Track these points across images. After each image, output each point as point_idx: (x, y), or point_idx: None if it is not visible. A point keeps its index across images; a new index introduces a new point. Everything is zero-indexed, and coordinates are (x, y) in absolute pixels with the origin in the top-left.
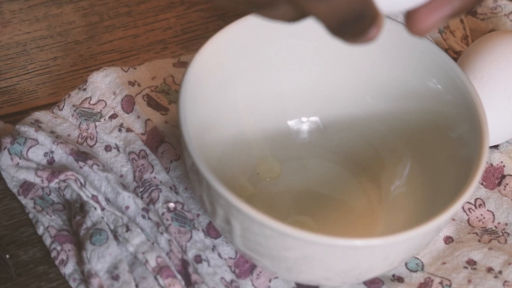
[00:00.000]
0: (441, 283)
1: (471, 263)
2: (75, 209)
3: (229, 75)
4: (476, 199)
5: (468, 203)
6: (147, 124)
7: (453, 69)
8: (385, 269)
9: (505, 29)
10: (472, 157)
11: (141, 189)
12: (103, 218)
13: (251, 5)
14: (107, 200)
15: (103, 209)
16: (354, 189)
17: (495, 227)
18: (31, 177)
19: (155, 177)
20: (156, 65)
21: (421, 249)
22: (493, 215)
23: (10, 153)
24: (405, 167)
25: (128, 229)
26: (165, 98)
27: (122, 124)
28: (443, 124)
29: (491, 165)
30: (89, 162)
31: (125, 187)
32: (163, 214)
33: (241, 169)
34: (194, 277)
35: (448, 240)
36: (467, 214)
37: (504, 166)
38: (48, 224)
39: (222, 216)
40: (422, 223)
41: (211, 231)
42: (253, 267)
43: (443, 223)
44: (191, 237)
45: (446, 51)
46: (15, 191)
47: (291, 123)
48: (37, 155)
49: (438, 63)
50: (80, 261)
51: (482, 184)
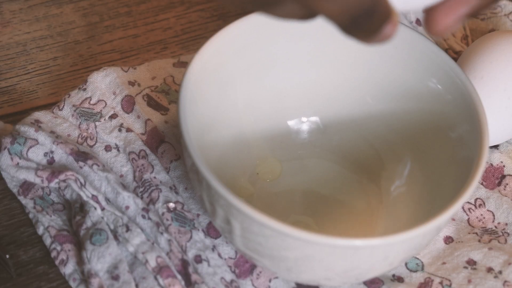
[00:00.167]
0: (441, 283)
1: (471, 263)
2: (75, 209)
3: (229, 75)
4: (476, 199)
5: (468, 203)
6: (147, 124)
7: (453, 69)
8: (385, 269)
9: (505, 29)
10: (472, 157)
11: (141, 189)
12: (103, 218)
13: (258, 4)
14: (107, 200)
15: (103, 209)
16: (354, 189)
17: (495, 227)
18: (31, 177)
19: (155, 177)
20: (156, 65)
21: (421, 249)
22: (493, 215)
23: (10, 153)
24: (405, 167)
25: (128, 229)
26: (165, 98)
27: (122, 124)
28: (443, 124)
29: (491, 165)
30: (89, 162)
31: (125, 187)
32: (163, 214)
33: (241, 169)
34: (194, 277)
35: (448, 240)
36: (467, 214)
37: (504, 166)
38: (48, 224)
39: (222, 216)
40: (422, 223)
41: (211, 231)
42: (253, 267)
43: (443, 223)
44: (191, 237)
45: (446, 51)
46: (15, 191)
47: (291, 123)
48: (37, 155)
49: (438, 63)
50: (80, 261)
51: (482, 184)
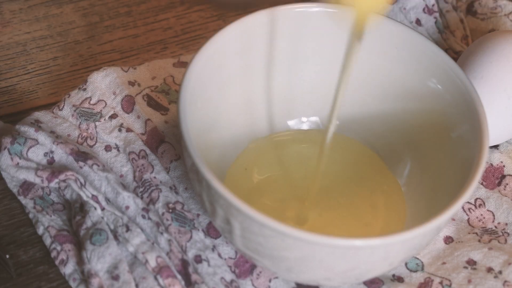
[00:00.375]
0: (441, 283)
1: (471, 263)
2: (75, 209)
3: (229, 75)
4: (476, 199)
5: (468, 203)
6: (147, 124)
7: (453, 69)
8: (385, 269)
9: (505, 29)
10: (472, 157)
11: (141, 189)
12: (103, 218)
13: None
14: (107, 200)
15: (103, 209)
16: (354, 189)
17: (495, 227)
18: (31, 177)
19: (155, 177)
20: (156, 65)
21: (421, 249)
22: (493, 215)
23: (10, 153)
24: (405, 167)
25: (128, 229)
26: (165, 98)
27: (122, 124)
28: (443, 124)
29: (491, 165)
30: (89, 162)
31: (125, 187)
32: (163, 214)
33: (241, 169)
34: (194, 277)
35: (448, 240)
36: (467, 214)
37: (504, 166)
38: (48, 224)
39: (222, 216)
40: (422, 223)
41: (211, 231)
42: (253, 267)
43: (443, 223)
44: (191, 237)
45: (446, 51)
46: (15, 191)
47: (291, 123)
48: (37, 155)
49: (438, 63)
50: (80, 261)
51: (482, 184)
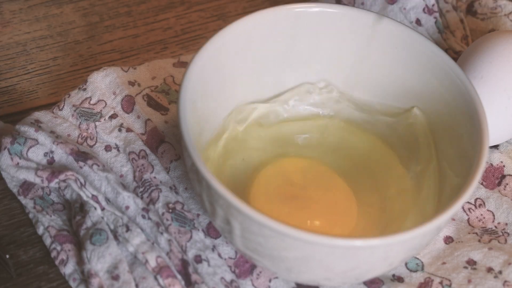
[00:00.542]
0: (441, 283)
1: (471, 263)
2: (75, 209)
3: (229, 75)
4: (476, 199)
5: (468, 203)
6: (147, 124)
7: (453, 69)
8: (385, 269)
9: (505, 29)
10: (472, 157)
11: (141, 189)
12: (103, 218)
13: None
14: (107, 200)
15: (103, 209)
16: (354, 189)
17: (495, 227)
18: (31, 177)
19: (155, 177)
20: (156, 65)
21: (421, 249)
22: (493, 215)
23: (10, 153)
24: (406, 167)
25: (128, 229)
26: (165, 98)
27: (122, 124)
28: (443, 124)
29: (491, 165)
30: (89, 162)
31: (125, 187)
32: (163, 214)
33: (242, 168)
34: (194, 277)
35: (448, 240)
36: (467, 214)
37: (504, 166)
38: (48, 224)
39: (222, 216)
40: (422, 223)
41: (211, 231)
42: (253, 267)
43: (443, 223)
44: (191, 237)
45: (446, 51)
46: (15, 191)
47: (291, 123)
48: (37, 155)
49: (438, 63)
50: (80, 261)
51: (482, 184)
